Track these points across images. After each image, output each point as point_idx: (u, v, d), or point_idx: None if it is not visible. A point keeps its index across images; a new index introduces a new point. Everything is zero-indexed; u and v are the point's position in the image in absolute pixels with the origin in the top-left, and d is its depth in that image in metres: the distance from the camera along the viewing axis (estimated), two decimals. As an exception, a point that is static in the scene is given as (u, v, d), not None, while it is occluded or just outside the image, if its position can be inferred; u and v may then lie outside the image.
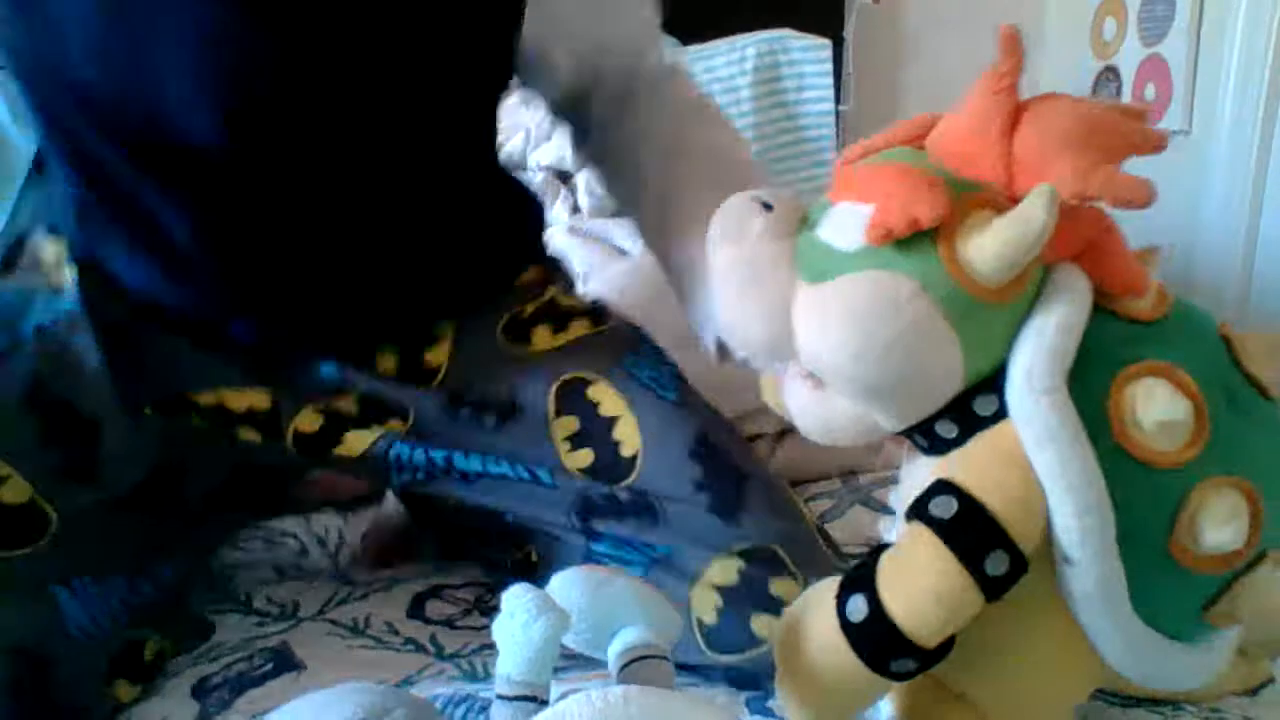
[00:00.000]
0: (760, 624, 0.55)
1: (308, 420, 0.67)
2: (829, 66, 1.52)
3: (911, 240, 0.39)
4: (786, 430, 0.94)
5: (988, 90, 0.41)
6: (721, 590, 0.57)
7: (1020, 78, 0.41)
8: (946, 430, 0.43)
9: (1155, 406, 0.41)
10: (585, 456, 0.64)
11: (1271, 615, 0.44)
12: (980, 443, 0.42)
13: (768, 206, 0.44)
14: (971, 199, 0.40)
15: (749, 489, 0.62)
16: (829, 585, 0.44)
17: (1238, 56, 1.44)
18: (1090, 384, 0.41)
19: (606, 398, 0.65)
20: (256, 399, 0.66)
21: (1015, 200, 0.39)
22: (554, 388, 0.66)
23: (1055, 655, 0.45)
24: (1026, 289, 0.41)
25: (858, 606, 0.41)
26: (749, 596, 0.56)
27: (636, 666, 0.43)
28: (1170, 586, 0.43)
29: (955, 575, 0.39)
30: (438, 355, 0.67)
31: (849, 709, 0.44)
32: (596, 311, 0.71)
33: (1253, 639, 0.50)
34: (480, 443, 0.66)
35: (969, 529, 0.40)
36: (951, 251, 0.39)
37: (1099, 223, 0.43)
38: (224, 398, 0.65)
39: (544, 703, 0.40)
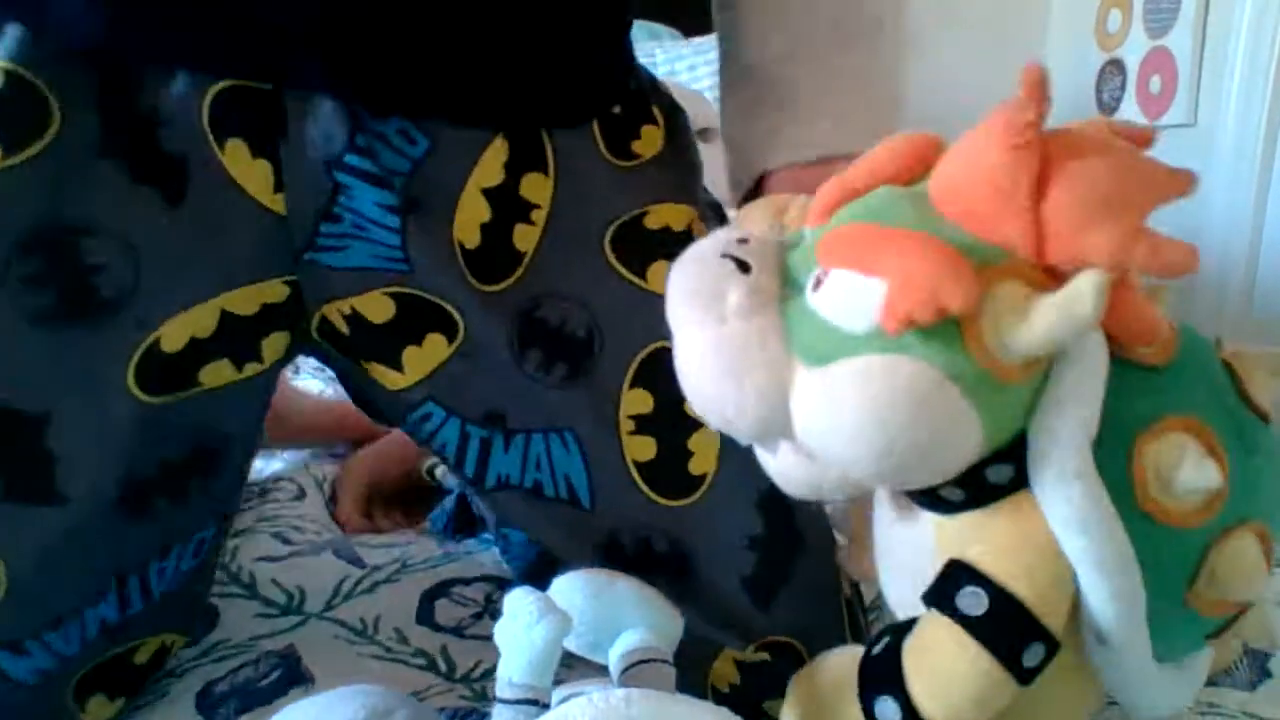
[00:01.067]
0: (772, 706, 0.53)
1: (335, 314, 0.53)
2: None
3: (930, 321, 0.36)
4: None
5: (1008, 143, 0.35)
6: (741, 666, 0.56)
7: (1044, 124, 0.36)
8: (951, 494, 0.40)
9: (1185, 473, 0.38)
10: (647, 446, 0.54)
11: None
12: (1001, 519, 0.40)
13: (743, 266, 0.38)
14: (995, 270, 0.36)
15: (799, 560, 0.55)
16: (849, 674, 0.41)
17: (1244, 49, 1.43)
18: (1111, 445, 0.38)
19: None
20: (268, 292, 0.51)
21: (1044, 268, 0.36)
22: (645, 351, 0.54)
23: (1064, 693, 0.43)
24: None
25: (888, 712, 0.39)
26: (767, 683, 0.53)
27: (637, 669, 0.44)
28: (1182, 630, 0.42)
29: (994, 674, 0.37)
30: (527, 236, 0.54)
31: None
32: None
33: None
34: (537, 406, 0.54)
35: (1005, 625, 0.37)
36: (977, 331, 0.35)
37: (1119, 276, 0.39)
38: (226, 303, 0.50)
39: (545, 706, 0.40)
